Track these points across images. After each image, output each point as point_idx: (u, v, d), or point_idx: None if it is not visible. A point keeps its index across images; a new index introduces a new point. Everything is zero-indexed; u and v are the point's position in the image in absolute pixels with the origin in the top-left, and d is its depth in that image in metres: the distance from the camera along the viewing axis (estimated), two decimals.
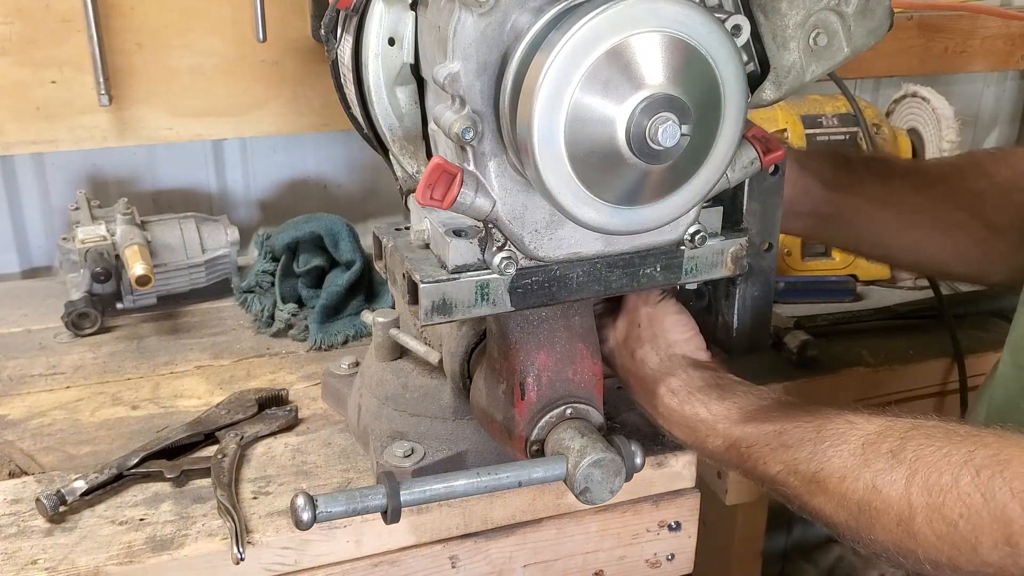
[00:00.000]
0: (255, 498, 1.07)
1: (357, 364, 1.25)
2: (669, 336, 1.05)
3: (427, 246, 0.94)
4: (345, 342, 1.43)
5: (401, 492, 0.89)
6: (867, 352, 1.37)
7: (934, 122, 1.57)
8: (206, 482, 1.09)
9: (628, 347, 1.07)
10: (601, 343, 1.08)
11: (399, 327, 1.16)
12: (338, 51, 1.01)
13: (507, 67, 0.81)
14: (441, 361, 1.11)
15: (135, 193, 1.70)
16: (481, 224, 0.89)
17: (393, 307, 1.27)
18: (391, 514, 0.88)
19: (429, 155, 0.97)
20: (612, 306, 1.12)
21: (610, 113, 0.78)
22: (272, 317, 1.48)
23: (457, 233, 0.90)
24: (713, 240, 0.97)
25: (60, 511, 1.02)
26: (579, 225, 0.85)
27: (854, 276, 1.58)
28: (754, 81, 0.92)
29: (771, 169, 0.98)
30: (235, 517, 1.00)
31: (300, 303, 1.51)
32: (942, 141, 1.55)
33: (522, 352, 0.98)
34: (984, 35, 1.99)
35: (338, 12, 0.99)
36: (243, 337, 1.46)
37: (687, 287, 1.08)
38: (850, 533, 0.85)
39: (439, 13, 0.83)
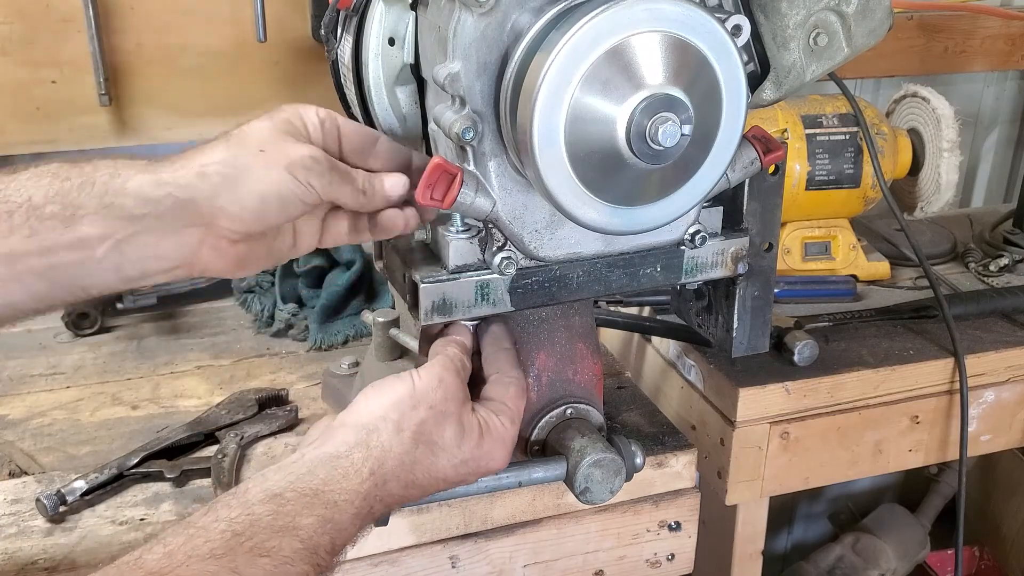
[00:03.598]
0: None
1: (357, 364, 1.25)
2: None
3: (427, 246, 0.94)
4: (345, 342, 1.43)
5: None
6: (867, 352, 1.37)
7: (934, 122, 1.56)
8: (206, 482, 1.09)
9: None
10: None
11: (399, 327, 1.16)
12: (338, 51, 1.01)
13: (507, 67, 0.81)
14: None
15: None
16: (480, 223, 0.89)
17: (393, 307, 1.27)
18: (380, 518, 0.88)
19: (429, 155, 0.97)
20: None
21: (610, 113, 0.78)
22: (272, 317, 1.48)
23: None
24: (713, 240, 0.97)
25: (60, 511, 1.02)
26: (579, 225, 0.85)
27: (854, 276, 1.57)
28: (754, 81, 0.91)
29: (771, 169, 0.98)
30: None
31: (300, 303, 1.51)
32: (942, 141, 1.55)
33: (522, 352, 0.98)
34: (984, 35, 1.99)
35: (338, 12, 0.99)
36: (243, 337, 1.46)
37: (687, 287, 1.08)
38: None
39: (439, 13, 0.83)
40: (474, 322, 0.94)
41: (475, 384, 0.92)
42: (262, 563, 0.67)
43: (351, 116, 1.05)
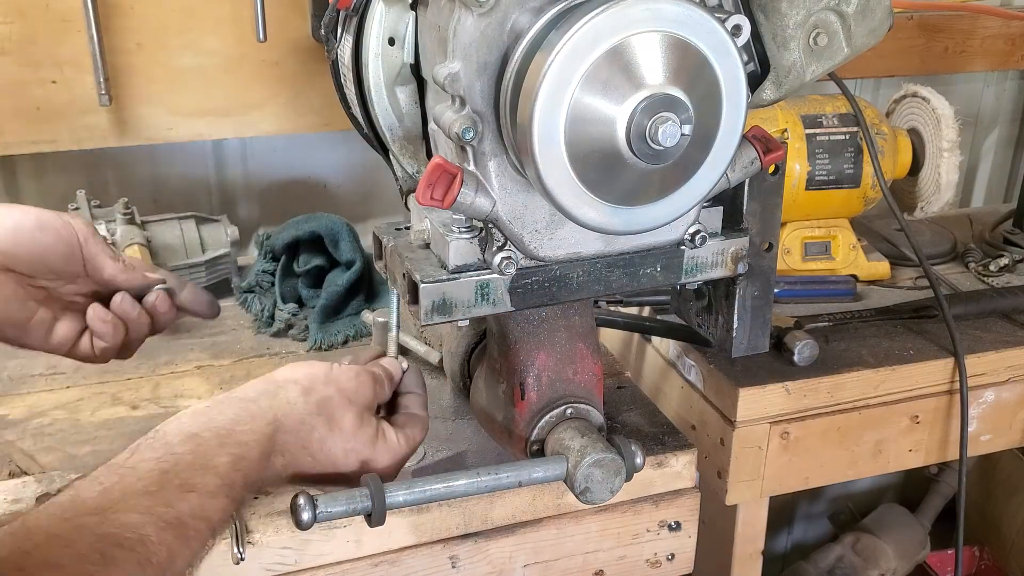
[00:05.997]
0: (255, 498, 1.06)
1: None
2: None
3: (427, 246, 0.94)
4: (345, 342, 1.43)
5: (401, 492, 0.89)
6: (867, 352, 1.37)
7: (934, 122, 1.56)
8: None
9: None
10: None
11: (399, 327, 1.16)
12: (338, 51, 1.01)
13: (507, 67, 0.81)
14: (441, 361, 1.11)
15: (135, 193, 1.70)
16: (480, 223, 0.89)
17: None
18: (375, 518, 0.88)
19: (429, 155, 0.97)
20: None
21: (610, 113, 0.78)
22: (272, 317, 1.48)
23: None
24: (713, 240, 0.97)
25: None
26: (579, 225, 0.85)
27: (854, 276, 1.58)
28: (754, 81, 0.92)
29: (771, 169, 0.98)
30: (235, 517, 1.00)
31: (300, 303, 1.51)
32: (942, 141, 1.55)
33: (522, 352, 0.98)
34: (984, 35, 1.99)
35: (338, 12, 0.99)
36: (243, 337, 1.46)
37: (687, 287, 1.08)
38: None
39: (439, 13, 0.83)
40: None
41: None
42: (190, 497, 0.74)
43: (351, 116, 1.05)
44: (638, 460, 0.95)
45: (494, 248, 0.89)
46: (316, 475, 0.89)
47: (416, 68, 0.94)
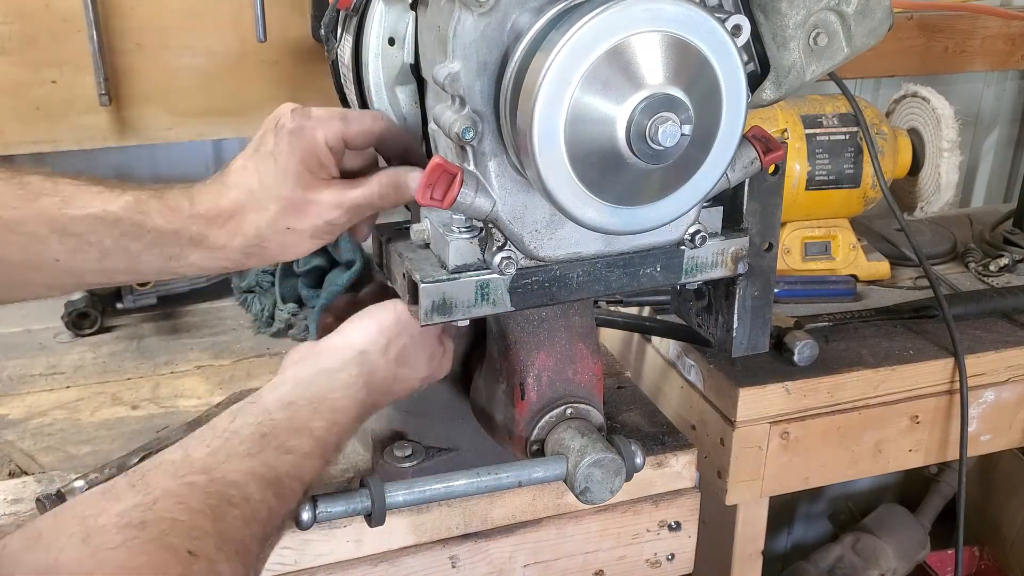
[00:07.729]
0: None
1: None
2: None
3: (427, 246, 0.94)
4: None
5: (401, 492, 0.89)
6: (867, 352, 1.37)
7: (934, 122, 1.56)
8: None
9: None
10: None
11: None
12: (338, 51, 1.01)
13: (507, 67, 0.81)
14: None
15: None
16: (481, 223, 0.89)
17: None
18: (375, 518, 0.88)
19: (429, 155, 0.97)
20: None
21: (610, 113, 0.78)
22: (272, 317, 1.48)
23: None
24: (713, 240, 0.97)
25: None
26: (579, 225, 0.85)
27: (854, 276, 1.58)
28: (754, 81, 0.91)
29: (771, 169, 0.98)
30: None
31: (300, 303, 1.51)
32: (942, 141, 1.55)
33: (522, 352, 0.98)
34: (984, 35, 1.99)
35: (338, 12, 0.99)
36: (243, 337, 1.46)
37: (687, 287, 1.08)
38: None
39: (439, 13, 0.83)
40: None
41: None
42: (287, 459, 0.80)
43: None
44: (638, 460, 0.95)
45: (494, 248, 0.89)
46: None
47: (416, 68, 0.94)
